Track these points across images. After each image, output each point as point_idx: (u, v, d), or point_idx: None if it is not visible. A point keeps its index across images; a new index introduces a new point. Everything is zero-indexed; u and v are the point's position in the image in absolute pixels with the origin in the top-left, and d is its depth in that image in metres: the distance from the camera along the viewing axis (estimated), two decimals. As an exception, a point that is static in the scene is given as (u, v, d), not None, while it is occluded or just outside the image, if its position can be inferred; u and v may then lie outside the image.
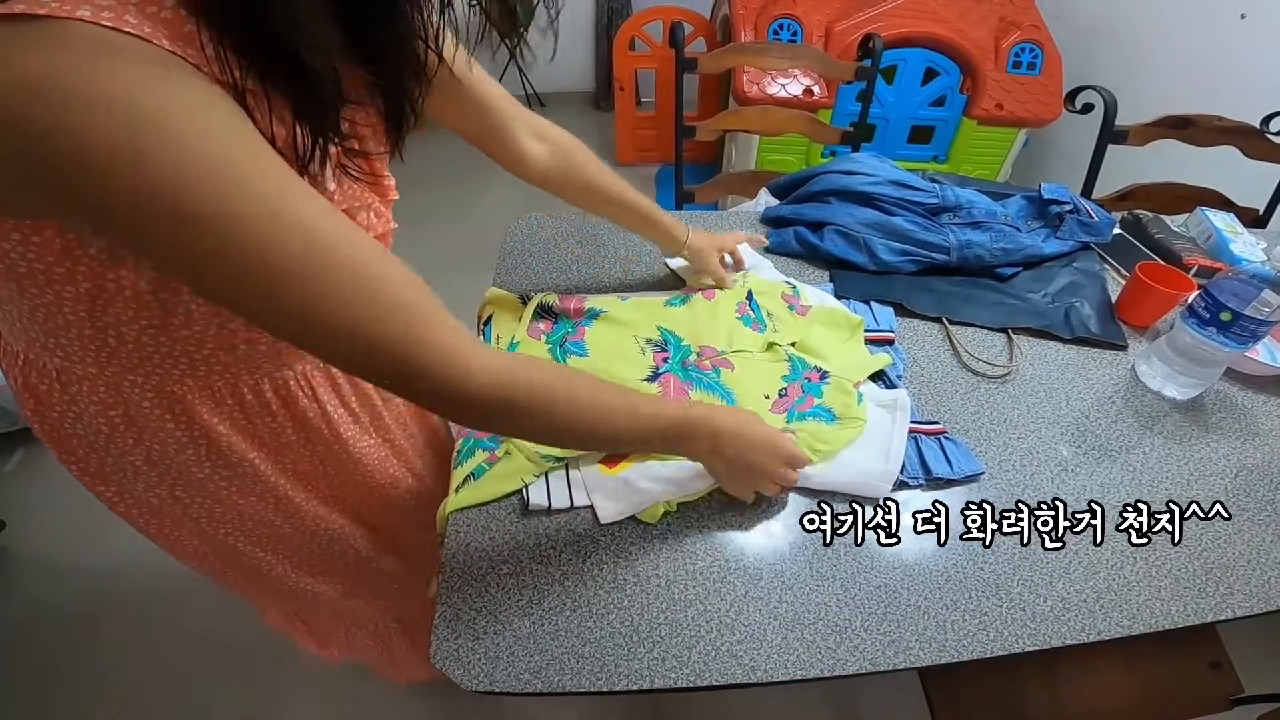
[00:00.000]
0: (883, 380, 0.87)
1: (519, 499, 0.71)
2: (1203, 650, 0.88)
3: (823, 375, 0.84)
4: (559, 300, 0.91)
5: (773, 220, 1.15)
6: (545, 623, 0.62)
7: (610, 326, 0.89)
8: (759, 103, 1.94)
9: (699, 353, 0.87)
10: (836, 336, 0.91)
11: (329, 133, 0.48)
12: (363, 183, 0.57)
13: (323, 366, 0.66)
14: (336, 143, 0.50)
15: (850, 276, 1.04)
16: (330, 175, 0.52)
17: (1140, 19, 2.10)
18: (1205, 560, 0.71)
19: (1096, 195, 1.45)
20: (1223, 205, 1.41)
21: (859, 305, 0.97)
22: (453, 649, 0.60)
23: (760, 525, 0.71)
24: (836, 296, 0.99)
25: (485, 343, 0.82)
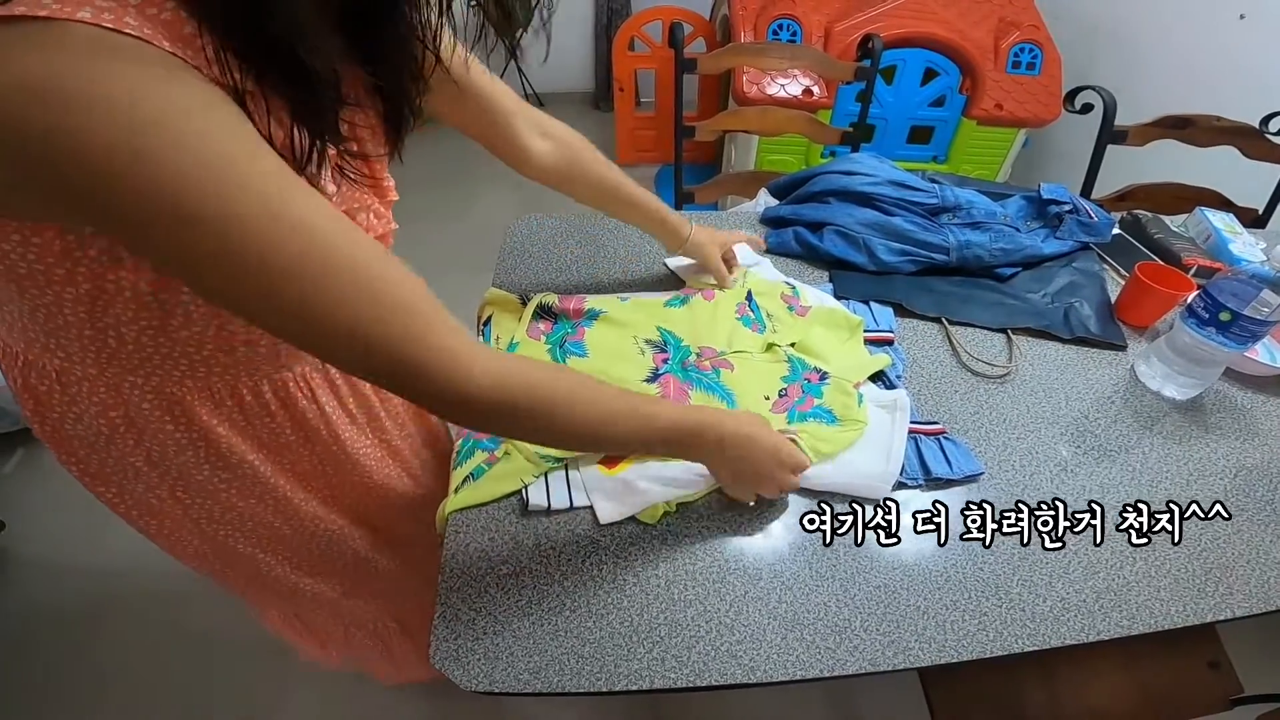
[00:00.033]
0: (882, 380, 0.87)
1: (518, 499, 0.71)
2: (1202, 650, 0.88)
3: (822, 376, 0.84)
4: (558, 301, 0.91)
5: (772, 220, 1.15)
6: (545, 623, 0.62)
7: (610, 327, 0.89)
8: (758, 103, 1.94)
9: (699, 353, 0.87)
10: (836, 337, 0.91)
11: (328, 135, 0.48)
12: (362, 184, 0.57)
13: (321, 368, 0.66)
14: (335, 145, 0.50)
15: (850, 277, 1.04)
16: (329, 177, 0.52)
17: (1140, 19, 2.10)
18: (1204, 560, 0.71)
19: (1096, 195, 1.45)
20: (1222, 205, 1.41)
21: (858, 305, 0.98)
22: (452, 649, 0.60)
23: (760, 525, 0.71)
24: (836, 297, 0.99)
25: (486, 344, 0.82)
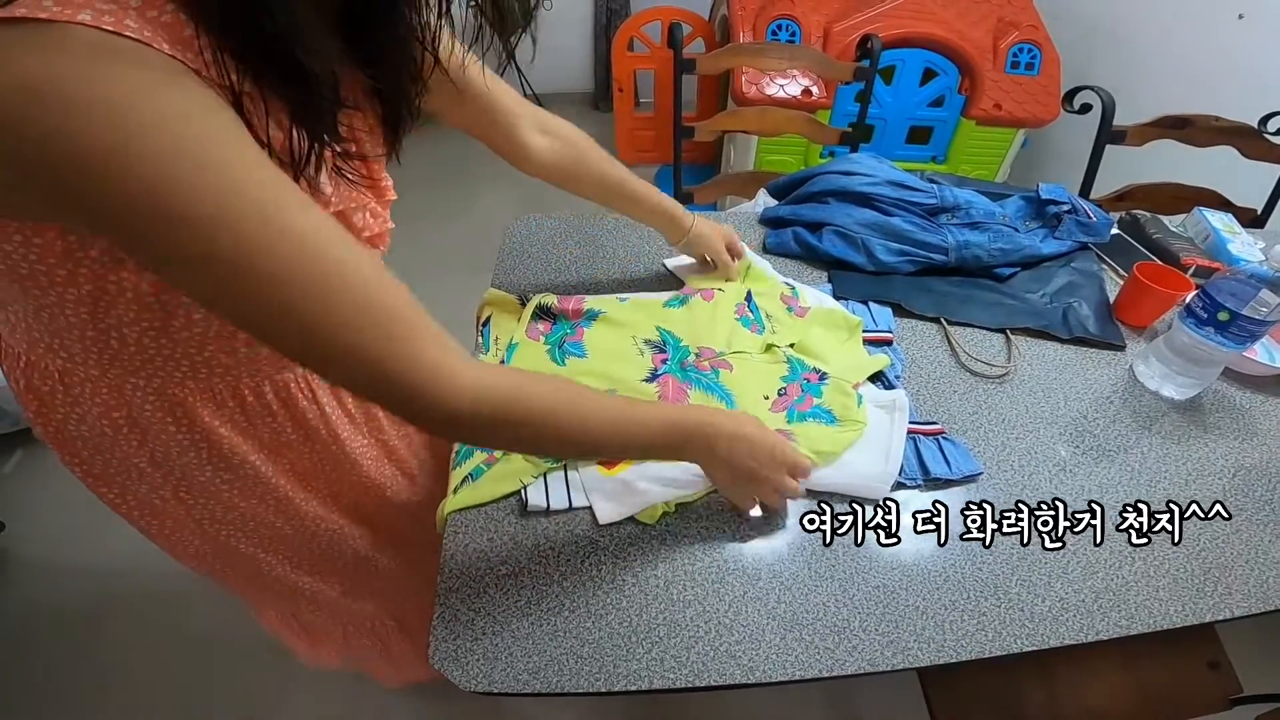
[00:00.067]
0: (881, 381, 0.87)
1: (517, 500, 0.71)
2: (1201, 650, 0.88)
3: (821, 376, 0.84)
4: (558, 301, 0.91)
5: (771, 221, 1.15)
6: (544, 623, 0.62)
7: (609, 327, 0.90)
8: (758, 103, 1.94)
9: (698, 354, 0.87)
10: (835, 337, 0.91)
11: (326, 136, 0.48)
12: (359, 184, 0.57)
13: None
14: (334, 146, 0.50)
15: (849, 277, 1.04)
16: (326, 178, 0.52)
17: (1138, 19, 2.10)
18: (1203, 560, 0.72)
19: (1094, 195, 1.45)
20: (1220, 205, 1.41)
21: (857, 306, 0.98)
22: (451, 649, 0.60)
23: (759, 526, 0.71)
24: (835, 297, 0.99)
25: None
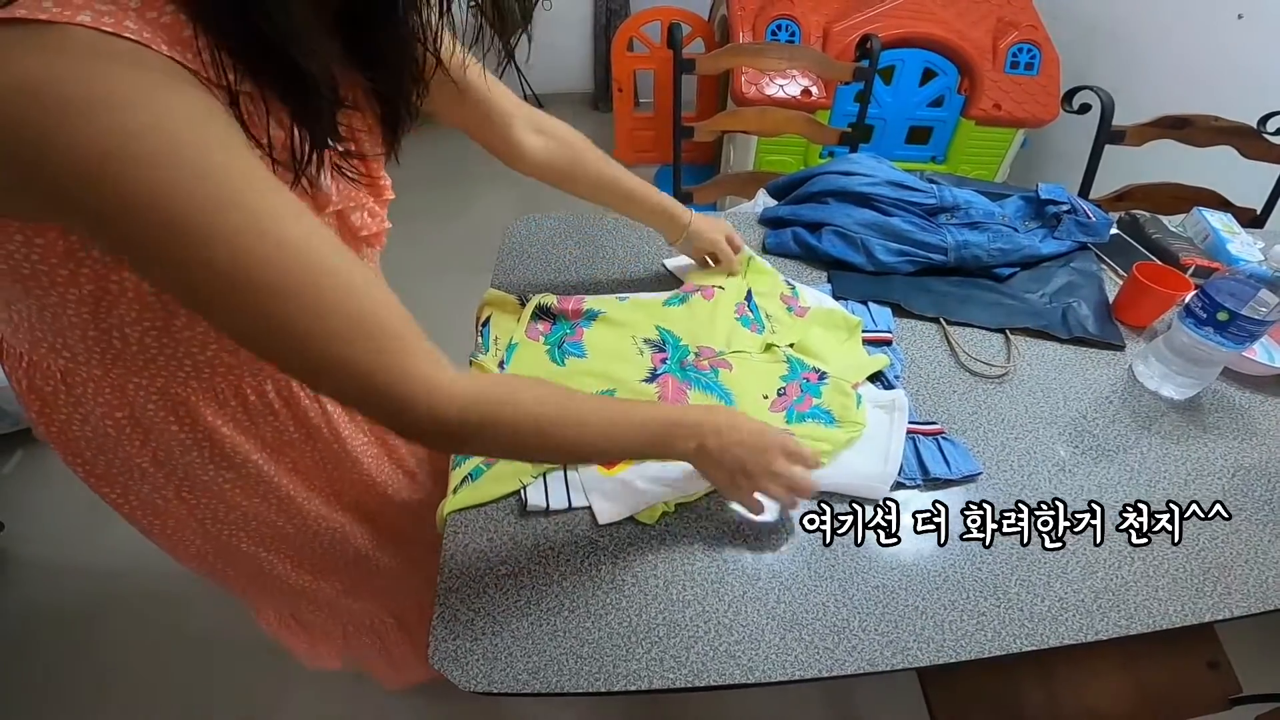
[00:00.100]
0: (880, 381, 0.87)
1: (517, 500, 0.71)
2: (1201, 650, 0.88)
3: (821, 376, 0.84)
4: (557, 301, 0.91)
5: (771, 221, 1.15)
6: (543, 623, 0.62)
7: (609, 327, 0.90)
8: (757, 103, 1.94)
9: (697, 353, 0.87)
10: (834, 337, 0.91)
11: (326, 137, 0.48)
12: (358, 183, 0.57)
13: None
14: (334, 146, 0.50)
15: (848, 277, 1.04)
16: (325, 177, 0.52)
17: (1138, 19, 2.10)
18: (1203, 560, 0.72)
19: (1094, 195, 1.45)
20: (1220, 205, 1.41)
21: (857, 306, 0.98)
22: (451, 649, 0.60)
23: (759, 526, 0.71)
24: (834, 297, 0.99)
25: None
